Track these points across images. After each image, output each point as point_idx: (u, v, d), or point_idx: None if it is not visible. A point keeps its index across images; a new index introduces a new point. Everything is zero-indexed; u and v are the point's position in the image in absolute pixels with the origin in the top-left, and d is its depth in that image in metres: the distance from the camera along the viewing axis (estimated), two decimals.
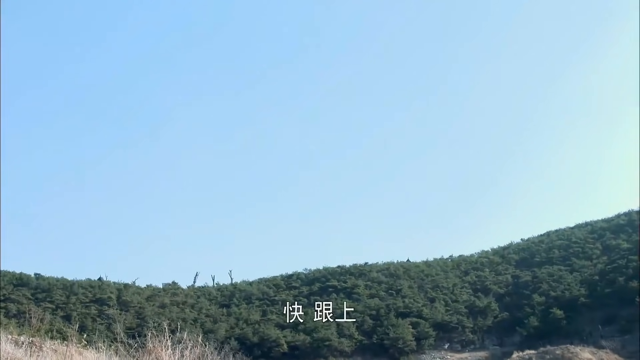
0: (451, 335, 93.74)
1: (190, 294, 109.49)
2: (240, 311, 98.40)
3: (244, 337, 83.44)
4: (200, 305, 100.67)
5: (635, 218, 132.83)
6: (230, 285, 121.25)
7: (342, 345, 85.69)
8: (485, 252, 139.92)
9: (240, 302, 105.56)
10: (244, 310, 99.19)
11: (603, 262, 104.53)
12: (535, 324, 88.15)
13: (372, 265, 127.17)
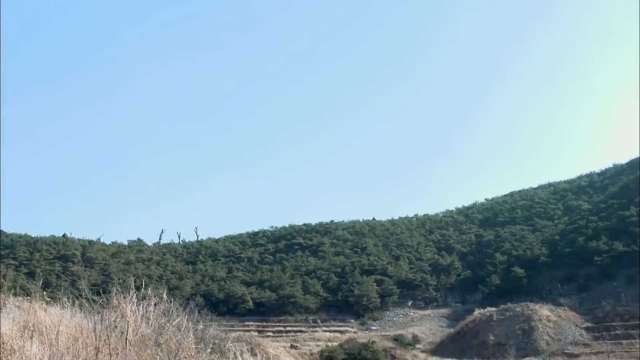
0: (415, 293, 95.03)
1: (155, 251, 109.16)
2: (206, 268, 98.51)
3: (209, 294, 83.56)
4: (166, 262, 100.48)
5: (597, 180, 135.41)
6: (196, 243, 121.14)
7: (308, 302, 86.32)
8: (449, 212, 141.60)
9: (206, 259, 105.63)
10: (209, 267, 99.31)
11: (564, 223, 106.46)
12: (496, 282, 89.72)
13: (338, 224, 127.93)
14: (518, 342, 64.13)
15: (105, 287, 9.13)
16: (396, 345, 64.10)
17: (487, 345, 65.23)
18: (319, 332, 76.69)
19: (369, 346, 57.90)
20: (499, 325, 68.38)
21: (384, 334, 74.22)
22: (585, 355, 55.63)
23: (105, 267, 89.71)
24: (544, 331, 65.10)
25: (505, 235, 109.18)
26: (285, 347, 62.79)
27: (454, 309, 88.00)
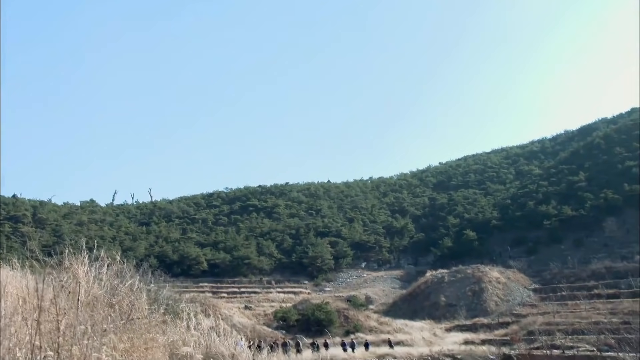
0: (368, 255, 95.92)
1: (109, 212, 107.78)
2: (160, 229, 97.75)
3: (163, 255, 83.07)
4: (119, 223, 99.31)
5: (548, 145, 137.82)
6: (150, 204, 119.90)
7: (262, 264, 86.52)
8: (404, 175, 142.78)
9: (160, 220, 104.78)
10: (163, 228, 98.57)
11: (515, 187, 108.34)
12: (448, 245, 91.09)
13: (293, 185, 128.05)
14: (468, 303, 65.34)
15: (56, 248, 8.91)
16: (349, 306, 64.76)
17: (438, 306, 66.35)
18: (273, 293, 77.01)
19: (322, 307, 58.43)
20: (450, 287, 69.49)
21: (338, 295, 74.92)
22: (532, 315, 56.72)
23: (57, 228, 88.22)
24: (493, 292, 66.38)
25: (458, 198, 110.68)
26: (239, 308, 62.99)
27: (406, 271, 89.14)
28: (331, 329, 54.01)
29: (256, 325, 55.75)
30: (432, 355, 43.66)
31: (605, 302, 57.72)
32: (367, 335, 52.91)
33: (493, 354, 43.00)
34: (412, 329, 57.25)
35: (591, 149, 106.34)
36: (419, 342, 49.84)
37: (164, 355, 6.61)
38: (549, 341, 43.28)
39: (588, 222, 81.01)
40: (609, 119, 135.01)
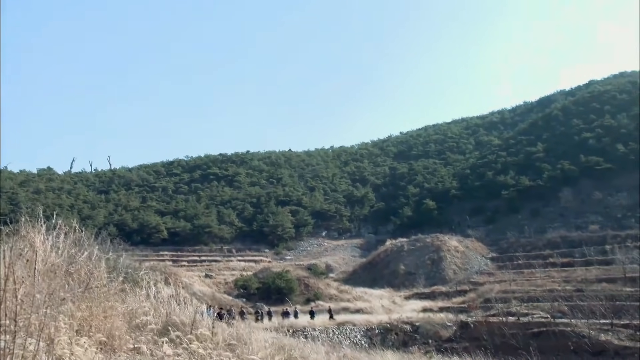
0: (329, 223, 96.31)
1: (66, 180, 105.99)
2: (120, 197, 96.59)
3: (123, 224, 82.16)
4: (78, 192, 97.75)
5: (507, 116, 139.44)
6: (108, 172, 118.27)
7: (223, 232, 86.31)
8: (365, 144, 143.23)
9: (120, 188, 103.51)
10: (123, 196, 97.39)
11: (475, 157, 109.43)
12: (408, 214, 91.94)
13: (254, 154, 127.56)
14: (427, 272, 66.19)
15: (13, 216, 8.71)
16: (310, 274, 65.14)
17: (397, 275, 67.07)
18: (234, 261, 77.01)
19: (283, 275, 58.66)
20: (409, 255, 70.26)
21: (298, 264, 75.26)
22: (489, 283, 57.65)
23: (13, 196, 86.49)
24: (451, 261, 67.32)
25: (418, 168, 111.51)
26: (199, 277, 62.87)
27: (366, 240, 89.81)
28: (292, 297, 54.29)
29: (216, 294, 55.75)
30: (390, 323, 44.23)
31: (560, 271, 59.04)
32: (327, 303, 53.30)
33: (450, 321, 43.72)
34: (372, 297, 57.81)
35: (549, 120, 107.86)
36: (378, 310, 50.40)
37: (123, 323, 6.54)
38: (504, 308, 44.14)
39: (545, 192, 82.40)
40: (567, 91, 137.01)
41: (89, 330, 5.84)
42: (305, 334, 36.83)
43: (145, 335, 6.36)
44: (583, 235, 69.06)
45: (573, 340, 36.17)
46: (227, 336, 7.95)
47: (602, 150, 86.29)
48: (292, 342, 10.02)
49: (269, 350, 7.47)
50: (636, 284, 49.18)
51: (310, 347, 8.70)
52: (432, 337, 41.82)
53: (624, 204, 75.82)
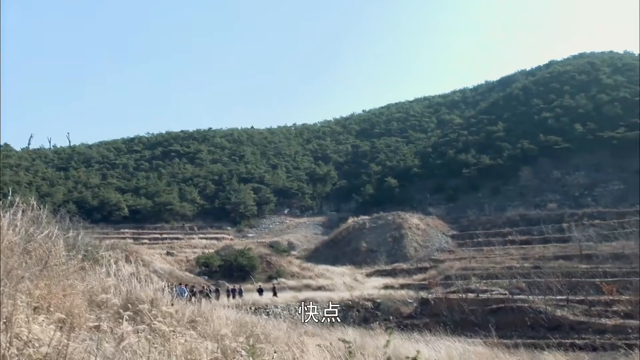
0: (291, 201, 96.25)
1: (24, 157, 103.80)
2: (79, 174, 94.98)
3: (83, 201, 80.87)
4: (36, 169, 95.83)
5: (469, 95, 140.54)
6: (68, 148, 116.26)
7: (184, 210, 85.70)
8: (327, 122, 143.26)
9: (79, 165, 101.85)
10: (82, 173, 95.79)
11: (436, 136, 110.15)
12: (370, 192, 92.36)
13: (216, 131, 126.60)
14: (389, 249, 66.66)
15: None
16: (272, 251, 65.15)
17: (359, 252, 67.44)
18: (196, 239, 76.60)
19: (245, 253, 58.58)
20: (371, 233, 70.68)
21: (260, 241, 75.14)
22: (449, 261, 58.33)
23: None
24: (413, 239, 67.91)
25: (380, 146, 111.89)
26: (161, 254, 62.45)
27: (328, 217, 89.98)
28: (254, 274, 54.27)
29: (178, 271, 55.46)
30: (352, 300, 44.51)
31: (518, 248, 60.11)
32: (289, 281, 53.43)
33: (411, 298, 44.19)
34: (334, 274, 58.08)
35: (510, 100, 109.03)
36: (340, 287, 50.65)
37: (82, 301, 6.44)
38: (464, 285, 44.80)
39: (505, 171, 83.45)
40: (528, 71, 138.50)
41: (47, 308, 5.74)
42: (268, 312, 36.89)
43: (106, 313, 6.28)
44: (541, 213, 70.30)
45: (530, 316, 36.91)
46: (190, 313, 7.89)
47: (561, 130, 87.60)
48: (254, 319, 10.00)
49: (231, 328, 7.43)
50: (592, 261, 50.35)
51: (272, 324, 8.71)
52: (393, 313, 42.25)
53: (582, 183, 77.30)
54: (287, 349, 5.99)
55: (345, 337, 8.42)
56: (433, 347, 9.69)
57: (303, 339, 7.81)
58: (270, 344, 6.92)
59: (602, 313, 37.20)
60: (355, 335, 12.17)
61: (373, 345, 8.51)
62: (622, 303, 37.46)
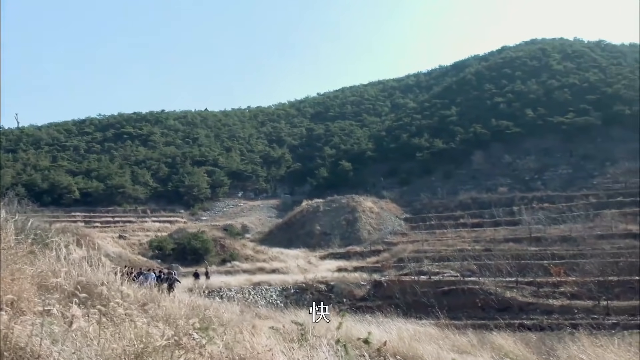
0: (245, 184, 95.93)
1: None
2: (28, 157, 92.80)
3: (32, 184, 79.05)
4: None
5: (423, 79, 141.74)
6: (16, 130, 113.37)
7: (137, 193, 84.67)
8: (282, 105, 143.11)
9: (28, 147, 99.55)
10: (32, 155, 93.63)
11: (390, 119, 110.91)
12: (324, 175, 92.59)
13: (169, 113, 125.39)
14: (342, 232, 66.95)
15: None
16: (226, 235, 64.82)
17: (313, 235, 67.62)
18: (149, 222, 75.83)
19: (198, 236, 58.20)
20: (325, 216, 70.90)
21: (214, 224, 74.75)
22: (402, 244, 58.75)
23: None
24: (366, 222, 68.31)
25: (334, 129, 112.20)
26: (113, 238, 61.52)
27: (283, 200, 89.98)
28: (207, 257, 54.01)
29: (130, 255, 54.81)
30: (306, 283, 44.69)
31: (470, 231, 61.00)
32: (243, 264, 53.33)
33: (364, 281, 44.54)
34: (288, 257, 58.11)
35: (463, 84, 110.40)
36: (294, 270, 50.76)
37: (32, 286, 6.33)
38: (417, 268, 45.34)
39: (457, 155, 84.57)
40: (481, 56, 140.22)
41: None
42: (221, 295, 36.80)
43: (56, 297, 6.18)
44: (493, 197, 71.46)
45: (481, 298, 37.58)
46: (141, 297, 7.81)
47: (512, 115, 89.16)
48: (206, 302, 9.96)
49: (184, 311, 7.39)
50: (540, 244, 51.46)
51: (225, 307, 8.68)
52: (347, 296, 42.54)
53: (532, 167, 78.84)
54: (239, 332, 5.98)
55: (299, 319, 8.46)
56: (384, 329, 9.79)
57: (255, 322, 7.82)
58: (222, 326, 6.91)
59: (550, 294, 38.15)
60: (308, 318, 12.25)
61: (325, 327, 8.55)
62: (569, 284, 38.43)
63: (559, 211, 62.10)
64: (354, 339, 7.18)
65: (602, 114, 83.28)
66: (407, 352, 7.91)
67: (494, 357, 6.96)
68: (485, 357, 7.65)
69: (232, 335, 6.10)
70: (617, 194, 64.68)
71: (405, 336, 8.91)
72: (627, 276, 37.91)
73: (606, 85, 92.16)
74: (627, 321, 32.67)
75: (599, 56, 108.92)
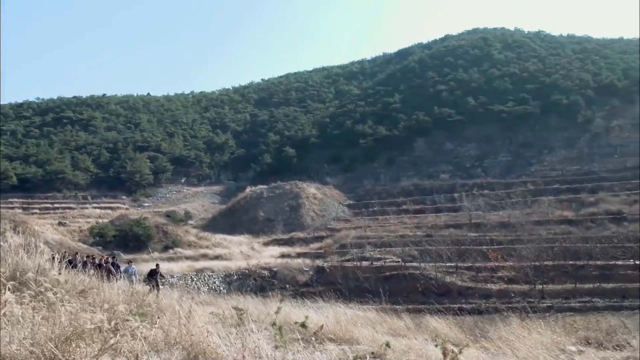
0: (188, 170, 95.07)
1: None
2: None
3: None
4: None
5: (367, 67, 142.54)
6: None
7: (77, 178, 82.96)
8: (226, 90, 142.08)
9: None
10: None
11: (335, 106, 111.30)
12: (268, 161, 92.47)
13: (111, 97, 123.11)
14: (286, 218, 67.12)
15: None
16: (168, 221, 64.22)
17: (256, 221, 67.57)
18: (89, 208, 74.37)
19: (140, 222, 57.54)
20: (268, 202, 70.91)
21: (157, 211, 73.91)
22: (345, 229, 59.28)
23: None
24: (310, 208, 68.61)
25: (279, 115, 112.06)
26: (52, 225, 60.26)
27: (226, 186, 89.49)
28: (150, 244, 53.48)
29: (71, 242, 53.82)
30: (249, 269, 44.73)
31: (412, 217, 62.01)
32: (185, 251, 53.00)
33: (307, 267, 44.81)
34: (231, 243, 58.02)
35: (406, 72, 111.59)
36: (237, 256, 50.73)
37: None
38: (359, 253, 45.83)
39: (400, 142, 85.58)
40: (424, 44, 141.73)
41: None
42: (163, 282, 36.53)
43: None
44: (434, 183, 72.66)
45: (421, 282, 38.33)
46: (79, 283, 7.78)
47: (454, 103, 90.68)
48: (145, 289, 9.95)
49: (122, 297, 7.39)
50: (480, 230, 52.66)
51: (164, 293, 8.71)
52: (290, 282, 42.75)
53: (473, 155, 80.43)
54: (178, 317, 6.03)
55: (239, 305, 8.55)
56: (323, 313, 9.97)
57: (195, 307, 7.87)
58: (161, 311, 6.95)
59: (488, 279, 39.24)
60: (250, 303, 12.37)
61: (266, 312, 8.68)
62: (506, 269, 39.55)
63: (498, 198, 63.64)
64: (291, 323, 7.30)
65: (541, 103, 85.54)
66: (343, 335, 8.10)
67: (427, 339, 7.20)
68: (419, 340, 7.88)
69: (170, 320, 6.15)
70: (553, 181, 66.65)
71: (342, 320, 9.10)
72: (561, 261, 39.21)
73: (545, 75, 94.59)
74: (561, 304, 33.92)
75: (539, 46, 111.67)
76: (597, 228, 49.72)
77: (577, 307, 32.83)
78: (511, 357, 6.25)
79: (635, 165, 65.83)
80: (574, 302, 34.13)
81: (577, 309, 32.30)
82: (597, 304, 33.20)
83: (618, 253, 40.06)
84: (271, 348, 5.01)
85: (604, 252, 40.74)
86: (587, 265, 38.59)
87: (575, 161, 72.42)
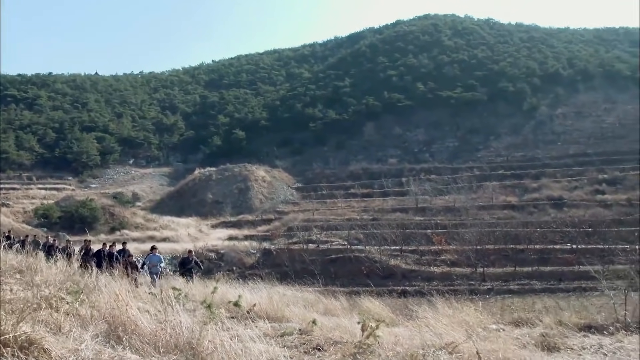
0: (137, 151, 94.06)
1: None
2: None
3: None
4: None
5: (318, 50, 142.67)
6: None
7: (22, 158, 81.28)
8: (176, 71, 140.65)
9: None
10: None
11: (285, 89, 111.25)
12: (218, 143, 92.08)
13: (57, 76, 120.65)
14: (234, 201, 67.12)
15: None
16: (115, 203, 63.73)
17: (205, 203, 67.43)
18: (34, 189, 73.10)
19: (87, 204, 56.98)
20: (217, 185, 70.80)
21: (104, 192, 73.17)
22: (293, 213, 59.65)
23: None
24: (258, 191, 68.74)
25: (229, 97, 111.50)
26: None
27: (175, 168, 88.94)
28: (96, 226, 53.06)
29: (14, 223, 52.98)
30: (196, 251, 44.73)
31: (360, 201, 62.71)
32: (133, 232, 52.75)
33: (254, 249, 45.12)
34: (179, 225, 57.89)
35: (357, 56, 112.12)
36: (185, 239, 50.69)
37: None
38: (306, 236, 46.30)
39: (350, 126, 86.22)
40: (376, 29, 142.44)
41: None
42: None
43: None
44: (383, 167, 73.53)
45: (366, 265, 38.92)
46: (17, 264, 7.94)
47: (403, 88, 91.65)
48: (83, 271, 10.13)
49: (59, 277, 7.60)
50: (425, 214, 53.69)
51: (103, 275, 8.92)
52: (237, 264, 42.99)
53: (421, 140, 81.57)
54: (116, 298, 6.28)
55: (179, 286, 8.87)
56: (257, 293, 10.34)
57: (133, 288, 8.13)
58: (98, 291, 7.18)
59: (432, 262, 40.15)
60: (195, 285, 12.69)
61: (204, 292, 8.99)
62: (449, 252, 40.53)
63: (445, 182, 64.72)
64: (226, 302, 7.63)
65: (488, 90, 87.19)
66: (275, 314, 8.46)
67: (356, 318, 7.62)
68: (348, 318, 8.32)
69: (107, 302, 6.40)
70: (499, 166, 68.22)
71: (275, 300, 9.47)
72: (502, 245, 40.31)
73: (493, 62, 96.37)
74: (501, 286, 34.97)
75: (488, 34, 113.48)
76: (538, 213, 51.39)
77: (515, 290, 33.93)
78: (426, 332, 6.70)
79: (577, 153, 68.06)
80: (513, 284, 35.23)
81: (515, 291, 33.42)
82: (534, 287, 34.31)
83: (556, 237, 41.30)
84: (198, 323, 5.31)
85: (543, 236, 42.00)
86: (527, 249, 39.74)
87: (520, 147, 74.17)
